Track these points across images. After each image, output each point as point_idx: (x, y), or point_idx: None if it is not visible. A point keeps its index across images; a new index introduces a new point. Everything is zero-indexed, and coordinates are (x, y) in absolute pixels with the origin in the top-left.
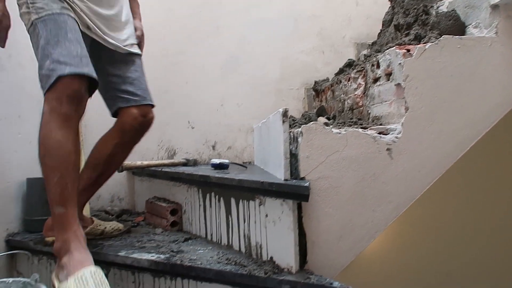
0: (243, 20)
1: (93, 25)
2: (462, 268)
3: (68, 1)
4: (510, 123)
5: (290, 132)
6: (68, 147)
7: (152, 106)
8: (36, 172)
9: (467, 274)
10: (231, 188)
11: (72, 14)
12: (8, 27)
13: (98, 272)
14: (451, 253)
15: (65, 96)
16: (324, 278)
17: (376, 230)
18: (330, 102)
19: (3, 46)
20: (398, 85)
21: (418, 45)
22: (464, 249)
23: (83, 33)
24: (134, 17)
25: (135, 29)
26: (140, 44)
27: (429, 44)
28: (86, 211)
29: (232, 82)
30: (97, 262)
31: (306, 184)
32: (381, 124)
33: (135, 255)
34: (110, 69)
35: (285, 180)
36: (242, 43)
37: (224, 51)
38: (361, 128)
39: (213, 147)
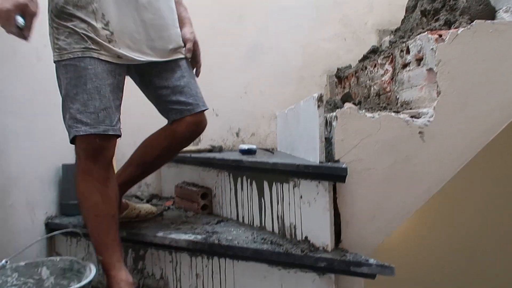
0: (265, 8)
1: (123, 52)
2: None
3: (94, 37)
4: None
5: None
6: (93, 200)
7: (205, 110)
8: (71, 158)
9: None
10: (264, 171)
11: (95, 54)
12: (34, 14)
13: None
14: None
15: (82, 153)
16: (360, 255)
17: (407, 211)
18: (354, 89)
19: (26, 38)
20: (430, 70)
21: (451, 30)
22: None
23: (114, 64)
24: (183, 23)
25: (183, 35)
26: (194, 52)
27: (461, 29)
28: None
29: (255, 70)
30: (136, 242)
31: (344, 166)
32: (410, 109)
33: (173, 236)
34: (157, 81)
35: (321, 162)
36: (264, 31)
37: (247, 40)
38: (394, 112)
39: (237, 134)
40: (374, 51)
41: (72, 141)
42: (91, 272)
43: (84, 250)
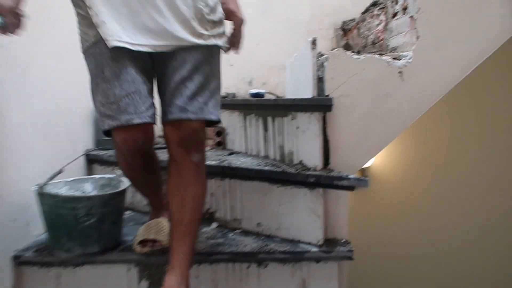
0: None
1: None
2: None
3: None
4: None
5: (318, 60)
6: (130, 175)
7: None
8: None
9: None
10: (268, 108)
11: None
12: (10, 9)
13: None
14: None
15: (115, 143)
16: (343, 173)
17: (387, 140)
18: (356, 39)
19: (13, 33)
20: (412, 17)
21: None
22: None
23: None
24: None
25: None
26: (233, 39)
27: None
28: None
29: (267, 23)
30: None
31: (330, 97)
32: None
33: None
34: (160, 69)
35: (313, 97)
36: None
37: None
38: (378, 54)
39: (250, 83)
40: (375, 3)
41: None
42: (125, 184)
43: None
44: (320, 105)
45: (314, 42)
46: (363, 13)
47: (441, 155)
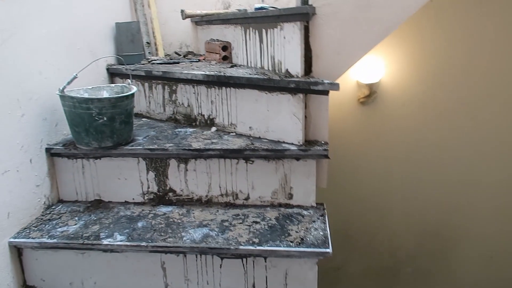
0: None
1: None
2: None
3: None
4: None
5: None
6: None
7: None
8: (123, 17)
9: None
10: (262, 20)
11: None
12: None
13: None
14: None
15: None
16: (320, 79)
17: (367, 47)
18: None
19: None
20: None
21: None
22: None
23: None
24: None
25: None
26: None
27: None
28: (161, 53)
29: None
30: (169, 80)
31: (312, 6)
32: None
33: (194, 72)
34: None
35: (297, 6)
36: None
37: None
38: None
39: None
40: None
41: None
42: (134, 89)
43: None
44: (302, 13)
45: None
46: None
47: (451, 73)
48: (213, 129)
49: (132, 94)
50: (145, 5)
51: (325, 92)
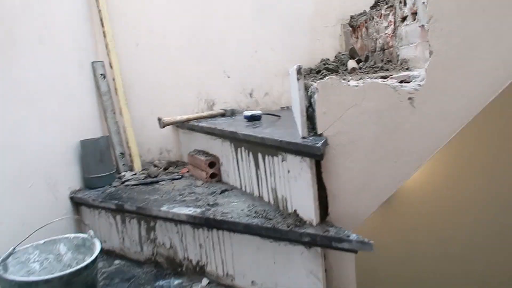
0: None
1: None
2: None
3: None
4: None
5: (308, 89)
6: None
7: None
8: (88, 134)
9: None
10: (256, 144)
11: None
12: None
13: None
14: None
15: None
16: (343, 230)
17: (398, 181)
18: (365, 40)
19: None
20: (422, 26)
21: None
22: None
23: None
24: None
25: None
26: None
27: None
28: (137, 164)
29: (264, 25)
30: (144, 216)
31: (319, 145)
32: (407, 68)
33: (175, 210)
34: None
35: (303, 138)
36: None
37: None
38: (381, 78)
39: (250, 94)
40: None
41: None
42: (97, 248)
43: (105, 220)
44: (308, 152)
45: (299, 71)
46: (372, 7)
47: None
48: (204, 281)
49: (93, 261)
50: (116, 112)
51: (353, 251)
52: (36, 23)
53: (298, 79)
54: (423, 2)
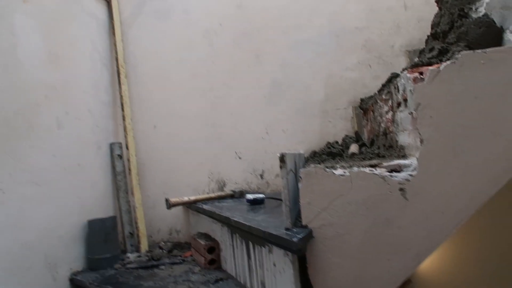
0: (283, 44)
1: None
2: None
3: None
4: None
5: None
6: None
7: None
8: (96, 214)
9: None
10: (246, 232)
11: None
12: None
13: None
14: None
15: None
16: None
17: (394, 281)
18: (373, 123)
19: None
20: (411, 114)
21: (430, 68)
22: None
23: None
24: None
25: None
26: None
27: (443, 64)
28: (144, 245)
29: (276, 108)
30: None
31: (295, 239)
32: (403, 156)
33: None
34: None
35: (286, 229)
36: (283, 67)
37: (266, 78)
38: (370, 166)
39: (261, 175)
40: (391, 79)
41: None
42: None
43: None
44: (287, 247)
45: (282, 159)
46: (379, 91)
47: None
48: None
49: None
50: (129, 191)
51: None
52: (56, 109)
53: (281, 167)
54: (410, 90)
